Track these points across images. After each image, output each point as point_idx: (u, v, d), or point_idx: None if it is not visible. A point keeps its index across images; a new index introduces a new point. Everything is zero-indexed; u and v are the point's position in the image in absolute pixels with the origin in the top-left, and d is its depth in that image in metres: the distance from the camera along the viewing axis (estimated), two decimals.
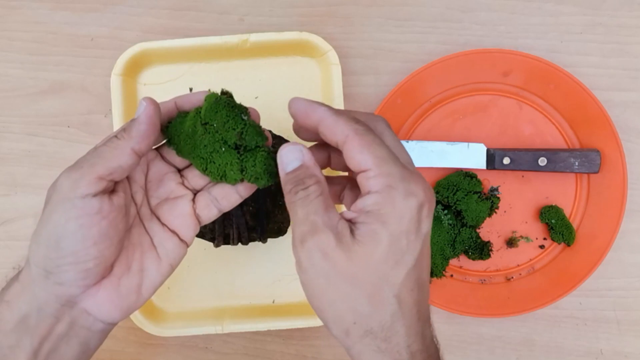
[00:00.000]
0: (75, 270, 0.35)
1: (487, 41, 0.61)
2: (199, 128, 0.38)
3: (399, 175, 0.32)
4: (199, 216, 0.41)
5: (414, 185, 0.32)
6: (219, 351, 0.60)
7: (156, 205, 0.40)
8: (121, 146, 0.36)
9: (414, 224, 0.32)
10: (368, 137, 0.33)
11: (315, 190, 0.34)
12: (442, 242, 0.58)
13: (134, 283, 0.38)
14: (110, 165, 0.35)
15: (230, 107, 0.38)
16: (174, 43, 0.57)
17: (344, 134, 0.34)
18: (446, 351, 0.61)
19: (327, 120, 0.35)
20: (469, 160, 0.58)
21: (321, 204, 0.33)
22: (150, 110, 0.36)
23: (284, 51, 0.59)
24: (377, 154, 0.33)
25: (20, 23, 0.61)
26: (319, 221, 0.33)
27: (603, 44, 0.61)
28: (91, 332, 0.38)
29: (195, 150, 0.39)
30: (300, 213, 0.34)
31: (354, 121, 0.34)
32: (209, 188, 0.41)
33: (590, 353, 0.60)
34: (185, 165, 0.42)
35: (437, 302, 0.58)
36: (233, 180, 0.39)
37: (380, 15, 0.61)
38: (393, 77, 0.60)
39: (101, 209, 0.35)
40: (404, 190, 0.32)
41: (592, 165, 0.57)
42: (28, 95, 0.61)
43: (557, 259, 0.59)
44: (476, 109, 0.60)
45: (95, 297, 0.36)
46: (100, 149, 0.36)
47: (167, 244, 0.39)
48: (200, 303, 0.60)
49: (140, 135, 0.36)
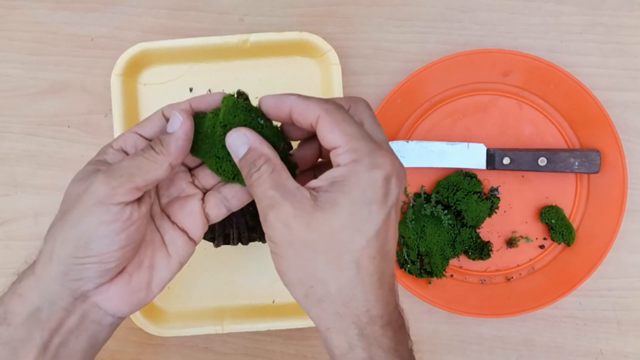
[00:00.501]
0: (96, 269, 0.36)
1: (487, 41, 0.61)
2: (218, 129, 0.39)
3: (366, 149, 0.34)
4: (208, 215, 0.41)
5: (380, 158, 0.34)
6: (219, 351, 0.60)
7: (167, 204, 0.41)
8: (160, 161, 0.37)
9: (378, 195, 0.33)
10: (338, 115, 0.34)
11: (267, 168, 0.35)
12: (442, 242, 0.58)
13: (145, 279, 0.39)
14: (148, 178, 0.36)
15: (248, 111, 0.39)
16: (174, 43, 0.57)
17: (315, 115, 0.35)
18: (446, 351, 0.61)
19: (298, 105, 0.36)
20: (469, 160, 0.58)
21: (275, 179, 0.35)
22: (187, 126, 0.38)
23: (284, 51, 0.59)
24: (346, 131, 0.34)
25: (20, 23, 0.61)
26: (276, 195, 0.34)
27: (603, 44, 0.61)
28: (101, 325, 0.38)
29: (212, 150, 0.40)
30: (258, 192, 0.35)
31: (324, 101, 0.35)
32: (219, 187, 0.42)
33: (591, 353, 0.60)
34: (196, 165, 0.43)
35: (437, 302, 0.58)
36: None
37: (380, 15, 0.61)
38: (393, 77, 0.60)
39: (131, 215, 0.36)
40: (369, 162, 0.33)
41: (592, 165, 0.57)
42: (28, 95, 0.61)
43: (557, 259, 0.59)
44: (476, 109, 0.60)
45: (107, 292, 0.37)
46: (138, 160, 0.37)
47: (176, 241, 0.40)
48: (200, 303, 0.60)
49: (178, 152, 0.37)
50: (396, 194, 0.34)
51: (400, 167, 0.34)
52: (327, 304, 0.34)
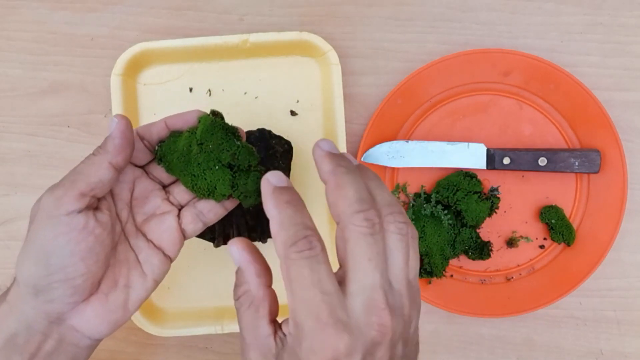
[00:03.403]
0: (65, 287, 0.36)
1: (488, 41, 0.61)
2: (194, 147, 0.40)
3: (306, 329, 0.29)
4: (185, 231, 0.42)
5: (318, 343, 0.29)
6: (219, 351, 0.60)
7: (142, 222, 0.41)
8: (98, 161, 0.37)
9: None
10: (293, 270, 0.30)
11: (244, 301, 0.34)
12: (442, 242, 0.58)
13: (121, 299, 0.39)
14: (90, 180, 0.36)
15: (225, 130, 0.41)
16: (174, 43, 0.57)
17: (278, 254, 0.31)
18: (446, 351, 0.61)
19: (272, 228, 0.32)
20: (469, 160, 0.58)
21: (248, 319, 0.33)
22: (122, 125, 0.38)
23: (284, 51, 0.59)
24: (295, 295, 0.30)
25: (20, 23, 0.61)
26: (246, 339, 0.33)
27: (603, 43, 0.60)
28: (79, 348, 0.38)
29: (188, 168, 0.41)
30: (239, 321, 0.34)
31: (288, 243, 0.30)
32: (194, 202, 0.43)
33: (591, 353, 0.60)
34: (170, 182, 0.43)
35: (437, 302, 0.58)
36: (220, 196, 0.42)
37: (380, 15, 0.61)
38: (393, 77, 0.60)
39: (87, 224, 0.36)
40: (308, 347, 0.29)
41: (592, 165, 0.57)
42: (28, 95, 0.61)
43: (557, 259, 0.59)
44: (476, 109, 0.60)
45: (83, 313, 0.37)
46: (79, 167, 0.37)
47: (152, 259, 0.41)
48: (200, 303, 0.60)
49: (115, 150, 0.37)
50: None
51: (347, 345, 0.29)
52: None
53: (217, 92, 0.60)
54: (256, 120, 0.59)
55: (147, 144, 0.42)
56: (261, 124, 0.57)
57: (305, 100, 0.60)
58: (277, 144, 0.55)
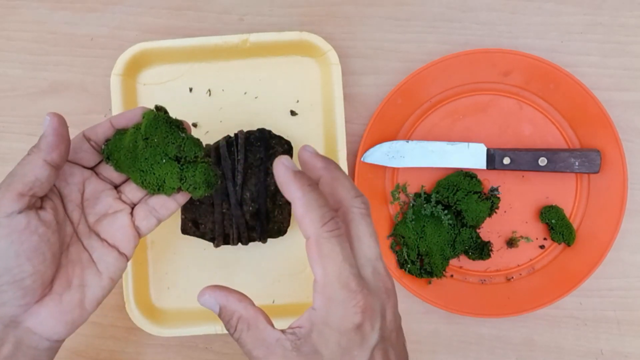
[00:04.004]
0: (14, 289, 0.36)
1: (488, 41, 0.61)
2: (140, 143, 0.41)
3: (339, 299, 0.32)
4: (139, 228, 0.43)
5: (351, 309, 0.32)
6: (219, 351, 0.60)
7: (95, 222, 0.42)
8: (33, 160, 0.37)
9: (355, 342, 0.33)
10: (326, 247, 0.33)
11: (242, 327, 0.35)
12: (442, 242, 0.58)
13: (76, 298, 0.39)
14: (26, 179, 0.36)
15: (169, 123, 0.41)
16: (174, 43, 0.57)
17: (307, 235, 0.33)
18: (446, 351, 0.61)
19: (297, 211, 0.34)
20: (469, 160, 0.58)
21: (254, 336, 0.35)
22: (55, 122, 0.38)
23: (284, 51, 0.59)
24: (327, 270, 0.33)
25: (20, 23, 0.61)
26: (260, 355, 0.34)
27: (603, 43, 0.60)
28: (38, 350, 0.38)
29: (136, 164, 0.42)
30: (244, 351, 0.35)
31: (321, 222, 0.33)
32: (146, 199, 0.43)
33: (591, 353, 0.60)
34: (122, 181, 0.44)
35: (437, 302, 0.58)
36: (170, 190, 0.42)
37: (380, 15, 0.61)
38: (393, 77, 0.60)
39: (29, 224, 0.36)
40: (341, 315, 0.33)
41: (592, 165, 0.57)
42: (28, 95, 0.61)
43: (558, 259, 0.59)
44: (476, 109, 0.60)
45: (38, 315, 0.37)
46: (15, 169, 0.37)
47: (107, 258, 0.41)
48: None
49: (49, 147, 0.37)
50: (376, 335, 0.33)
51: (371, 310, 0.33)
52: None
53: (217, 92, 0.60)
54: (256, 120, 0.59)
55: (94, 145, 0.42)
56: (261, 124, 0.57)
57: (305, 100, 0.60)
58: (277, 144, 0.55)
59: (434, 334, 0.60)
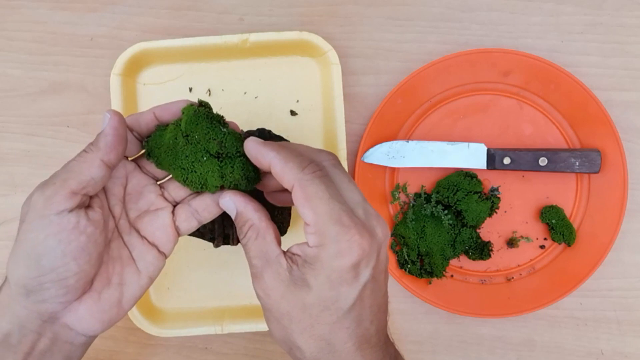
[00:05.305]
0: (57, 287, 0.35)
1: (488, 41, 0.60)
2: (180, 140, 0.39)
3: (332, 234, 0.33)
4: (179, 228, 0.41)
5: (345, 244, 0.33)
6: (219, 352, 0.60)
7: (135, 218, 0.41)
8: (90, 159, 0.36)
9: (346, 278, 0.34)
10: (311, 188, 0.34)
11: (251, 234, 0.37)
12: (443, 242, 0.58)
13: (115, 297, 0.38)
14: (81, 178, 0.36)
15: (209, 119, 0.40)
16: (174, 43, 0.57)
17: (290, 184, 0.34)
18: (446, 351, 0.61)
19: (276, 167, 0.35)
20: (469, 160, 0.58)
21: (259, 246, 0.37)
22: (115, 121, 0.37)
23: (284, 51, 0.59)
24: (317, 209, 0.33)
25: (20, 23, 0.61)
26: (258, 264, 0.36)
27: (603, 43, 0.60)
28: (74, 346, 0.38)
29: (177, 162, 0.40)
30: (247, 257, 0.37)
31: (300, 168, 0.35)
32: (189, 200, 0.42)
33: (591, 353, 0.60)
34: (164, 177, 0.42)
35: (437, 302, 0.58)
36: (213, 188, 0.40)
37: (380, 15, 0.61)
38: (393, 77, 0.60)
39: (78, 224, 0.35)
40: (335, 250, 0.33)
41: (592, 165, 0.57)
42: (28, 95, 0.61)
43: (558, 259, 0.59)
44: (476, 109, 0.60)
45: (76, 312, 0.37)
46: (70, 164, 0.37)
47: (146, 256, 0.40)
48: (200, 303, 0.60)
49: (107, 147, 0.37)
50: (368, 274, 0.34)
51: (369, 245, 0.34)
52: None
53: (216, 92, 0.60)
54: (256, 120, 0.59)
55: (137, 135, 0.41)
56: (261, 124, 0.57)
57: (305, 100, 0.60)
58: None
59: (434, 334, 0.60)
